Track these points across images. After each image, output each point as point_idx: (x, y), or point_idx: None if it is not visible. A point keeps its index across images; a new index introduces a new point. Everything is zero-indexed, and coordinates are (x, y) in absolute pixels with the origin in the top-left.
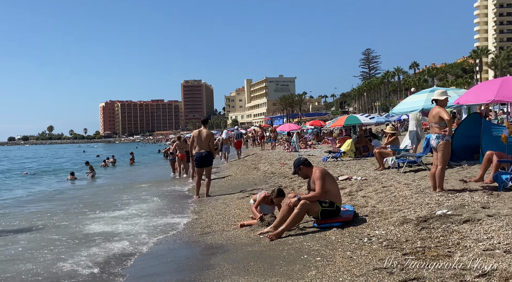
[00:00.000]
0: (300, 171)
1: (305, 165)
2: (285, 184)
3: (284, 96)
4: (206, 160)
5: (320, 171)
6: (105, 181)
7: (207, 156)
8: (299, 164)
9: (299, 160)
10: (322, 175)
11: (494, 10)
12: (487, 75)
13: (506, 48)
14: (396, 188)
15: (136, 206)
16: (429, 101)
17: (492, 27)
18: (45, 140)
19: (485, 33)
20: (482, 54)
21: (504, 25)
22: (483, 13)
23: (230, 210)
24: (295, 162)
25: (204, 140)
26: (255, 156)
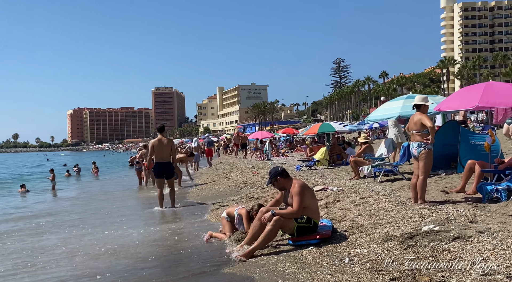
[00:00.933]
0: (276, 182)
1: (283, 176)
2: (257, 195)
3: (257, 104)
4: (167, 171)
5: (300, 185)
6: (64, 194)
7: (167, 166)
8: (276, 175)
9: (276, 170)
10: (301, 191)
11: (460, 22)
12: (454, 84)
13: (471, 58)
14: (375, 199)
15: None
16: (406, 107)
17: (458, 38)
18: (10, 148)
19: (451, 43)
20: (449, 64)
21: (469, 36)
22: (449, 25)
23: (200, 223)
24: (271, 172)
25: (165, 149)
26: (226, 164)
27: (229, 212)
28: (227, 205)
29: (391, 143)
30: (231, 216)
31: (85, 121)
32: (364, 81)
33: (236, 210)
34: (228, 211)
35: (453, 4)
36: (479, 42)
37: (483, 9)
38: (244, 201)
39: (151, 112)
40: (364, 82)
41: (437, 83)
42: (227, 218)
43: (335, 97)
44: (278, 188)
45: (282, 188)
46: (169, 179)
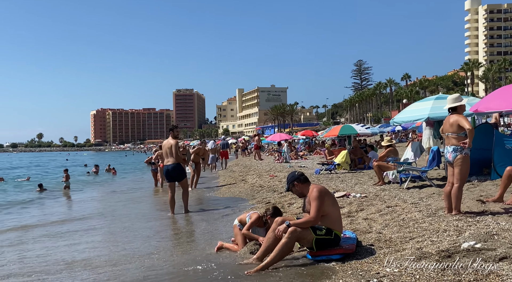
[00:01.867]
0: (294, 188)
1: (301, 181)
2: (274, 200)
3: (276, 106)
4: (174, 174)
5: (319, 190)
6: (78, 196)
7: (174, 169)
8: (293, 180)
9: (293, 174)
10: (320, 195)
11: (485, 24)
12: (478, 88)
13: (496, 61)
14: (403, 208)
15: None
16: (436, 109)
17: (483, 41)
18: (34, 148)
19: (475, 46)
20: (474, 67)
21: (495, 38)
22: (473, 27)
23: (212, 230)
24: (288, 177)
25: (169, 151)
26: (243, 166)
27: (242, 219)
28: (241, 210)
29: (419, 146)
30: (243, 223)
31: (108, 122)
32: (386, 83)
33: (248, 216)
34: (241, 218)
35: (478, 6)
36: (505, 45)
37: (509, 11)
38: (260, 207)
39: (172, 113)
40: (386, 84)
41: (460, 86)
42: (239, 226)
43: (356, 100)
44: (296, 194)
45: (301, 195)
46: (180, 182)
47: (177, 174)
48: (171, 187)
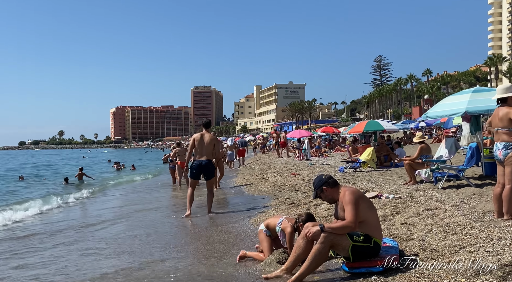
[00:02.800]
0: (323, 193)
1: (330, 185)
2: (298, 201)
3: (294, 103)
4: (207, 171)
5: (352, 192)
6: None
7: (208, 166)
8: (321, 185)
9: (321, 179)
10: (354, 199)
11: (509, 18)
12: (501, 83)
13: None
14: (445, 211)
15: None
16: (474, 102)
17: (507, 35)
18: (56, 145)
19: (499, 40)
20: (498, 61)
21: None
22: (497, 21)
23: (233, 235)
24: (315, 182)
25: (207, 146)
26: (263, 164)
27: (269, 224)
28: (264, 212)
29: (454, 143)
30: (271, 229)
31: (127, 119)
32: (407, 79)
33: (278, 224)
34: (268, 223)
35: (502, 0)
36: None
37: None
38: (283, 208)
39: (190, 111)
40: (407, 80)
41: (483, 82)
42: (265, 232)
43: (376, 96)
44: (326, 200)
45: (331, 200)
46: (208, 180)
47: (211, 171)
48: (193, 183)
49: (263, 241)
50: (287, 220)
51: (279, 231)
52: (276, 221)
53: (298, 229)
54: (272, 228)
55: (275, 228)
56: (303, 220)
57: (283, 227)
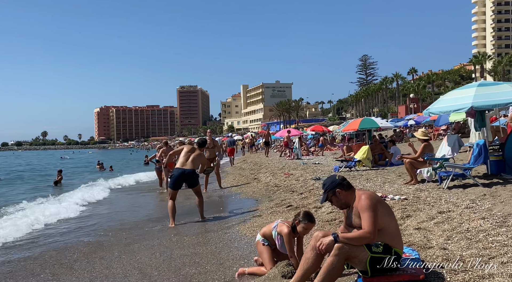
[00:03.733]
0: (335, 197)
1: (344, 187)
2: (295, 203)
3: (281, 102)
4: (190, 180)
5: (369, 197)
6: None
7: (191, 175)
8: (334, 187)
9: (333, 180)
10: (372, 204)
11: (492, 17)
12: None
13: (504, 55)
14: (460, 214)
15: None
16: (480, 97)
17: (490, 34)
18: (39, 146)
19: (483, 39)
20: (483, 59)
21: (503, 31)
22: (481, 20)
23: (226, 245)
24: (326, 184)
25: (194, 159)
26: (253, 164)
27: (266, 233)
28: (260, 215)
29: (457, 140)
30: (268, 237)
31: (111, 119)
32: (393, 78)
33: (274, 228)
34: (264, 232)
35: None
36: None
37: None
38: (280, 211)
39: (176, 111)
40: (392, 79)
41: (467, 80)
42: (263, 241)
43: (362, 95)
44: (338, 205)
45: (344, 205)
46: (193, 188)
47: (194, 180)
48: (173, 194)
49: (263, 253)
50: (282, 222)
51: (276, 236)
52: (271, 227)
53: (295, 228)
54: (269, 235)
55: (272, 234)
56: (300, 219)
57: (279, 230)
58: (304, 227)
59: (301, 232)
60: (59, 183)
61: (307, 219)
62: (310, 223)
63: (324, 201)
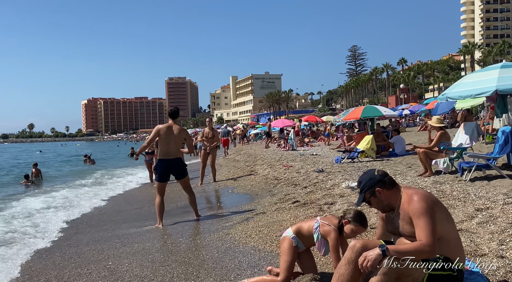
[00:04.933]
0: (374, 198)
1: (385, 185)
2: (300, 197)
3: (271, 93)
4: (177, 169)
5: (423, 197)
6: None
7: (177, 164)
8: (373, 184)
9: (372, 175)
10: (429, 208)
11: (481, 7)
12: (472, 71)
13: (493, 44)
14: (503, 212)
15: None
16: (505, 79)
17: (479, 24)
18: (25, 139)
19: (471, 29)
20: (474, 48)
21: (491, 21)
22: (469, 10)
23: (233, 248)
24: (363, 180)
25: (174, 141)
26: (247, 155)
27: (301, 230)
28: (264, 212)
29: (475, 128)
30: (304, 236)
31: (99, 111)
32: (383, 68)
33: (316, 230)
34: (299, 229)
35: None
36: (501, 28)
37: None
38: (287, 207)
39: (164, 102)
40: (383, 69)
41: (456, 71)
42: (294, 239)
43: (352, 85)
44: (378, 208)
45: (387, 208)
46: (181, 179)
47: (182, 169)
48: (161, 188)
49: (286, 254)
50: (326, 221)
51: (318, 240)
52: (311, 225)
53: (341, 229)
54: (306, 235)
55: (311, 234)
56: (351, 219)
57: (323, 233)
58: (353, 230)
59: (347, 234)
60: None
61: (359, 221)
62: (361, 227)
63: (361, 203)
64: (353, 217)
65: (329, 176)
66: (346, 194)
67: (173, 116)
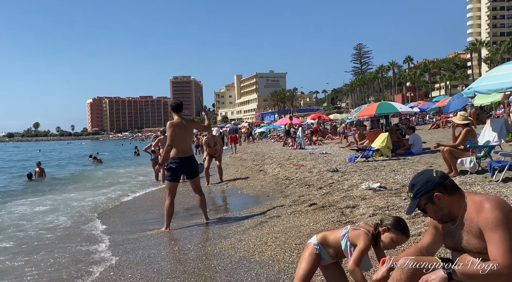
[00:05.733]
0: (432, 204)
1: (446, 189)
2: (317, 199)
3: (276, 92)
4: (192, 170)
5: (498, 205)
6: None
7: (192, 163)
8: (432, 188)
9: (430, 177)
10: (506, 218)
11: (487, 4)
12: (479, 70)
13: (499, 42)
14: None
15: None
16: None
17: (485, 22)
18: (31, 137)
19: (478, 27)
20: (481, 46)
21: (497, 19)
22: (476, 7)
23: (249, 254)
24: (418, 182)
25: (189, 136)
26: (254, 154)
27: (326, 239)
28: (278, 216)
29: (504, 125)
30: (329, 245)
31: (104, 110)
32: (389, 66)
33: (344, 238)
34: (324, 238)
35: None
36: (508, 25)
37: None
38: (303, 210)
39: (169, 101)
40: (389, 67)
41: (461, 69)
42: (316, 246)
43: (357, 84)
44: (436, 217)
45: (446, 217)
46: (194, 179)
47: (196, 168)
48: (174, 188)
49: (304, 261)
50: (356, 228)
51: (347, 248)
52: (338, 234)
53: (377, 238)
54: (332, 244)
55: (338, 243)
56: (391, 226)
57: (352, 239)
58: (393, 240)
59: (386, 244)
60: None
61: (401, 229)
62: (404, 236)
63: (413, 211)
64: (393, 224)
65: (344, 176)
66: (368, 196)
67: (178, 109)
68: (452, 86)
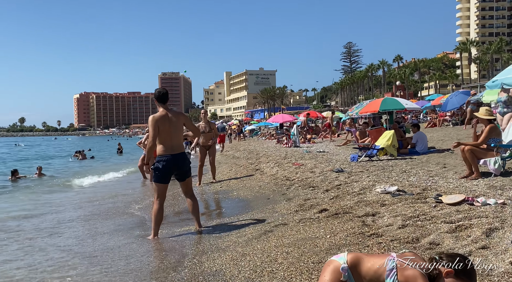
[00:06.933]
0: None
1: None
2: (326, 204)
3: (266, 89)
4: (182, 166)
5: None
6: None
7: (183, 161)
8: None
9: None
10: None
11: (477, 4)
12: (468, 69)
13: (488, 43)
14: None
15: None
16: None
17: (474, 22)
18: (16, 132)
19: (467, 27)
20: (472, 45)
21: (486, 19)
22: (465, 7)
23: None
24: None
25: (177, 131)
26: (247, 152)
27: (360, 262)
28: (285, 223)
29: None
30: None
31: (91, 106)
32: (379, 65)
33: (391, 274)
34: (357, 261)
35: None
36: (497, 26)
37: None
38: (313, 217)
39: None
40: (378, 66)
41: (451, 68)
42: (344, 270)
43: (347, 82)
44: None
45: None
46: (185, 181)
47: (187, 167)
48: (163, 191)
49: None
50: (408, 261)
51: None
52: (378, 263)
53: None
54: (371, 276)
55: (378, 276)
56: (459, 270)
57: (405, 278)
58: None
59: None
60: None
61: (468, 277)
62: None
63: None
64: (463, 269)
65: (352, 178)
66: (387, 202)
67: (163, 99)
68: (441, 85)
